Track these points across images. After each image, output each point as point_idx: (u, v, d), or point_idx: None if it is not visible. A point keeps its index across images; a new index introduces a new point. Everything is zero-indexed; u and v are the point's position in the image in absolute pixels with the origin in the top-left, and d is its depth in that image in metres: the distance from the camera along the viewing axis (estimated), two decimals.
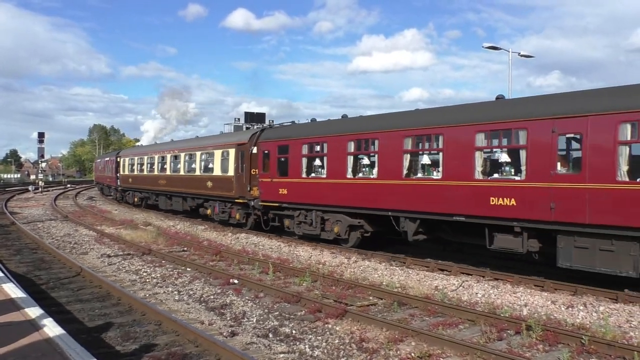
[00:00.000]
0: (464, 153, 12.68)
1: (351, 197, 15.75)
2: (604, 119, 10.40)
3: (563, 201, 10.89)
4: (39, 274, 13.10)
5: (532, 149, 11.48)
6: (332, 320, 9.25)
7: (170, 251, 16.83)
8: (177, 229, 23.30)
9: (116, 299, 10.55)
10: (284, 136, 19.06)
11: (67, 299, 10.65)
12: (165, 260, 15.32)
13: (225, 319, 9.50)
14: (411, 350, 7.76)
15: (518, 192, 11.64)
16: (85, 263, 14.71)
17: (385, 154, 14.84)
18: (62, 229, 22.68)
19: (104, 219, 27.34)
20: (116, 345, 7.87)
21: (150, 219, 26.92)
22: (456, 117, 13.26)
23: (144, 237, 19.52)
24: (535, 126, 11.45)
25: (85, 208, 34.47)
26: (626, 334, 8.55)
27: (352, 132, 16.08)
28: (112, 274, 13.38)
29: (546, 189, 11.17)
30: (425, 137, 14.12)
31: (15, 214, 29.62)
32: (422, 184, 13.78)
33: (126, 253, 16.52)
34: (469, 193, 12.52)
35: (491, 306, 10.22)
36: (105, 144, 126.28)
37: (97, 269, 13.85)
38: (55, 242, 18.94)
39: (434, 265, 13.81)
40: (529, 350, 7.84)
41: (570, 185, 10.85)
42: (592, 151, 10.55)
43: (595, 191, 10.44)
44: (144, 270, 13.79)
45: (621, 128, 10.23)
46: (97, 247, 17.88)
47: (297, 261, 15.20)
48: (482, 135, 12.48)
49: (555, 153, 11.20)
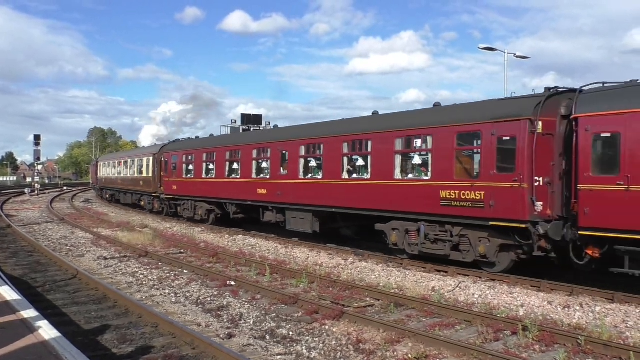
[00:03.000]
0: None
1: (203, 190, 24.20)
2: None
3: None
4: (35, 277, 13.06)
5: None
6: (329, 321, 9.25)
7: (167, 253, 16.80)
8: (174, 231, 23.26)
9: (112, 302, 10.52)
10: (174, 149, 28.38)
11: (63, 301, 10.62)
12: (162, 262, 15.29)
13: (222, 320, 9.49)
14: (408, 352, 7.76)
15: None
16: (82, 265, 14.67)
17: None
18: (58, 232, 22.61)
19: (101, 221, 27.28)
20: (112, 347, 7.84)
21: (147, 221, 26.87)
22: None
23: (141, 239, 19.46)
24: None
25: (81, 210, 34.40)
26: (622, 334, 8.58)
27: (204, 147, 25.09)
28: (109, 277, 13.35)
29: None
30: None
31: (11, 216, 29.51)
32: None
33: (123, 255, 16.48)
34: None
35: (488, 307, 10.24)
36: (102, 146, 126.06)
37: (93, 272, 13.81)
38: (51, 244, 18.88)
39: (430, 267, 13.81)
40: (526, 350, 7.85)
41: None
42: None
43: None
44: (141, 273, 13.76)
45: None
46: (94, 249, 17.83)
47: (294, 263, 15.19)
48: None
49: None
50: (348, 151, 16.05)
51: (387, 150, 14.59)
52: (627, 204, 10.02)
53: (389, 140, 14.53)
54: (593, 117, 10.67)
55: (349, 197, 15.78)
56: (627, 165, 10.05)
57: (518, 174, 11.58)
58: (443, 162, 13.12)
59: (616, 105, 10.41)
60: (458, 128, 12.92)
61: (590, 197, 10.56)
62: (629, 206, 9.97)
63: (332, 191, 16.34)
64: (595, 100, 10.80)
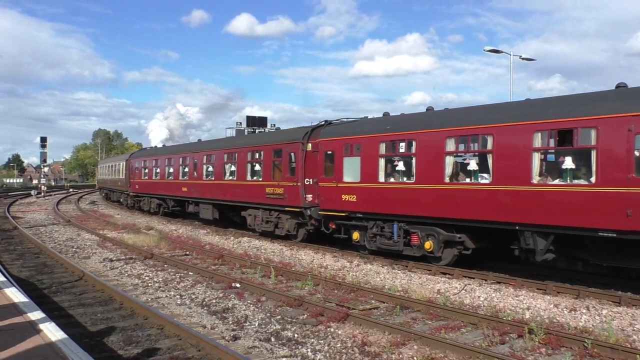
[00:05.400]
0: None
1: (153, 189, 31.47)
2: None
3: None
4: (42, 279, 13.11)
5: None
6: (334, 324, 9.24)
7: (173, 255, 16.84)
8: (179, 233, 23.32)
9: (118, 303, 10.56)
10: (137, 156, 36.34)
11: (69, 303, 10.66)
12: (168, 264, 15.33)
13: (227, 322, 9.49)
14: (413, 354, 7.75)
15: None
16: (88, 267, 14.72)
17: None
18: (64, 234, 22.71)
19: (106, 223, 27.37)
20: (118, 349, 7.87)
21: (153, 223, 26.94)
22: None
23: (146, 241, 19.53)
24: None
25: (87, 212, 34.54)
26: (629, 337, 8.52)
27: (153, 155, 32.97)
28: (115, 278, 13.39)
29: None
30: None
31: (18, 218, 29.66)
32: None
33: (128, 257, 16.53)
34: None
35: (493, 310, 10.20)
36: (107, 148, 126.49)
37: (99, 273, 13.86)
38: (57, 246, 18.96)
39: (436, 269, 13.79)
40: (532, 354, 7.82)
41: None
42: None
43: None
44: (146, 275, 13.80)
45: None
46: (100, 251, 17.89)
47: (299, 265, 15.19)
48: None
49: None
50: (227, 160, 23.14)
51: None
52: (337, 195, 16.22)
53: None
54: (324, 142, 17.04)
55: (228, 193, 22.63)
56: (337, 172, 16.29)
57: (297, 177, 17.90)
58: (267, 169, 19.94)
59: (333, 134, 16.87)
60: (272, 146, 19.72)
61: (323, 190, 16.83)
62: (338, 196, 16.16)
63: (219, 189, 23.42)
64: (327, 131, 17.38)
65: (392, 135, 14.73)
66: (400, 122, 15.06)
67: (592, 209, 10.37)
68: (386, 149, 14.87)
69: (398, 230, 14.53)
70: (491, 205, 12.09)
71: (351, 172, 15.84)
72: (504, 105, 13.56)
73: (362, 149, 15.54)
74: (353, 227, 16.14)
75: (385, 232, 15.00)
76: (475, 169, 12.75)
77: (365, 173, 15.34)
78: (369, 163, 15.22)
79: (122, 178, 38.43)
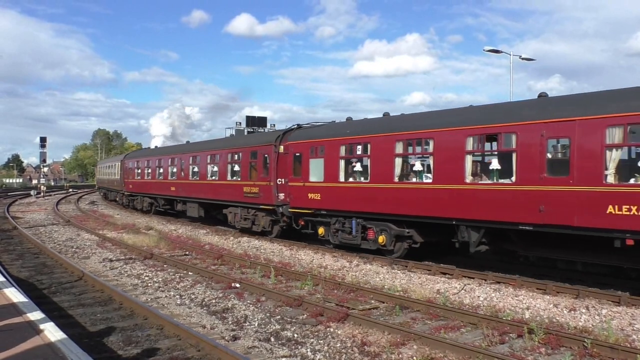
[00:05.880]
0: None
1: (145, 188, 32.87)
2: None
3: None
4: (41, 279, 13.11)
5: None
6: (334, 324, 9.24)
7: (172, 255, 16.84)
8: (179, 233, 23.32)
9: (118, 303, 10.55)
10: (131, 157, 37.95)
11: (69, 303, 10.66)
12: (167, 264, 15.33)
13: (227, 323, 9.49)
14: (413, 354, 7.75)
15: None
16: (87, 267, 14.72)
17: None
18: (64, 234, 22.70)
19: (106, 223, 27.37)
20: (118, 349, 7.86)
21: (152, 224, 26.93)
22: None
23: (146, 241, 19.53)
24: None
25: (87, 212, 34.52)
26: (629, 337, 8.53)
27: (145, 156, 34.60)
28: (114, 278, 13.39)
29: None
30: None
31: (17, 218, 29.65)
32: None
33: (128, 257, 16.52)
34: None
35: (493, 309, 10.20)
36: (107, 148, 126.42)
37: (99, 274, 13.86)
38: (57, 246, 18.95)
39: (435, 269, 13.80)
40: (532, 353, 7.82)
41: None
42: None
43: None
44: (146, 275, 13.79)
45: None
46: (99, 251, 17.89)
47: (299, 265, 15.19)
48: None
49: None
50: (210, 162, 24.55)
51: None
52: (304, 193, 17.40)
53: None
54: (293, 144, 18.31)
55: (211, 192, 23.98)
56: (304, 173, 17.51)
57: (270, 177, 19.20)
58: (245, 170, 21.34)
59: (301, 137, 18.18)
60: (249, 148, 20.97)
61: (292, 189, 18.12)
62: (305, 194, 17.34)
63: (204, 189, 24.70)
64: (296, 135, 18.76)
65: (350, 139, 16.04)
66: (358, 127, 16.40)
67: (513, 205, 11.67)
68: (345, 151, 16.17)
69: (356, 226, 15.88)
70: (433, 203, 13.41)
71: (316, 172, 17.10)
72: (443, 112, 14.99)
73: (325, 151, 16.83)
74: (319, 223, 17.52)
75: (345, 228, 16.32)
76: (420, 170, 14.17)
77: (328, 173, 16.61)
78: (331, 164, 16.50)
79: (117, 178, 39.98)
